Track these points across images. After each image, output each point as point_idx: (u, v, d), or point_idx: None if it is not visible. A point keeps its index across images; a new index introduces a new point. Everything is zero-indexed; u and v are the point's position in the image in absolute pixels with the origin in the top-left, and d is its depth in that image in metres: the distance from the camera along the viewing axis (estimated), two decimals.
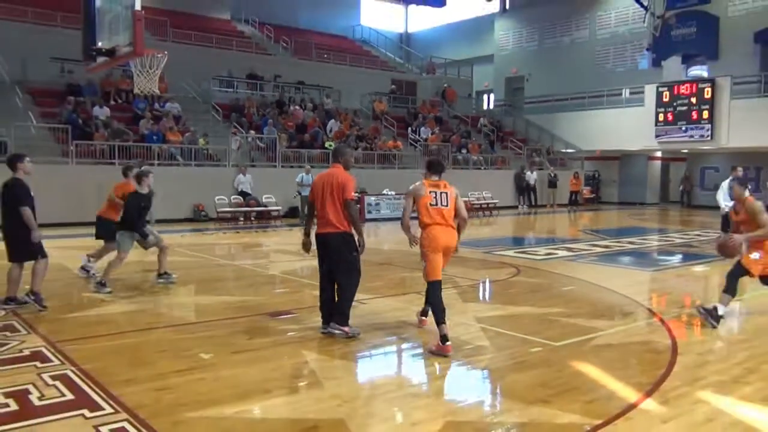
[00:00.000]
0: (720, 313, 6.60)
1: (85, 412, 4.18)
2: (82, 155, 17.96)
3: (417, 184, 6.10)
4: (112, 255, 8.77)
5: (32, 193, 7.08)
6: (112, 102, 21.37)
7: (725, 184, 11.46)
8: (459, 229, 6.10)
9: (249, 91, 26.14)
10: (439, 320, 5.68)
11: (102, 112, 19.95)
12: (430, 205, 5.88)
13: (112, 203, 9.20)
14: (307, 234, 6.36)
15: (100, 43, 8.38)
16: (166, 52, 9.48)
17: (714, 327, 6.53)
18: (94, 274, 9.27)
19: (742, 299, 8.61)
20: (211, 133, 21.63)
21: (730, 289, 6.69)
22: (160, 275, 9.03)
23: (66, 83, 21.13)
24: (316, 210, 6.29)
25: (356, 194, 6.51)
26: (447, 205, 5.90)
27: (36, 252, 7.14)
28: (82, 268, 9.55)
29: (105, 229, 9.19)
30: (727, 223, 11.58)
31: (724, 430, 4.05)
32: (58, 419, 4.07)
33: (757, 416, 4.27)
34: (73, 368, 5.07)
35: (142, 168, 9.34)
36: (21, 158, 7.13)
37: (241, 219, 19.64)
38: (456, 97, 32.94)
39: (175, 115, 21.61)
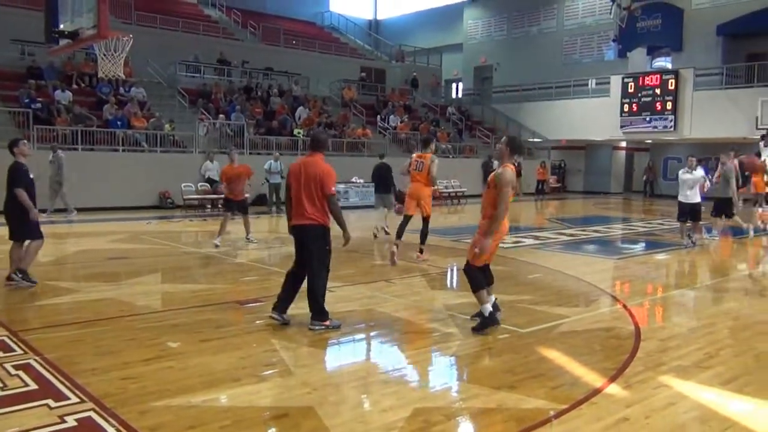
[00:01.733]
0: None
1: (50, 401, 4.11)
2: (44, 140, 17.51)
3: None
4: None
5: (31, 175, 7.58)
6: (75, 86, 20.82)
7: (679, 176, 11.76)
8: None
9: (216, 76, 25.75)
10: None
11: (64, 96, 19.45)
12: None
13: None
14: (290, 219, 6.18)
15: (62, 26, 8.19)
16: (131, 36, 9.27)
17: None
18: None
19: (700, 287, 8.84)
20: (177, 119, 21.30)
21: None
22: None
23: (26, 66, 20.55)
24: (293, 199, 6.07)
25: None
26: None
27: (32, 232, 7.63)
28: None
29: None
30: (685, 211, 11.82)
31: (685, 413, 4.17)
32: (22, 409, 3.99)
33: (717, 399, 4.40)
34: (36, 358, 4.97)
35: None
36: (17, 143, 7.65)
37: (209, 206, 19.42)
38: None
39: (140, 100, 21.20)
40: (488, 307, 5.89)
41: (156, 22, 26.55)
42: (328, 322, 6.00)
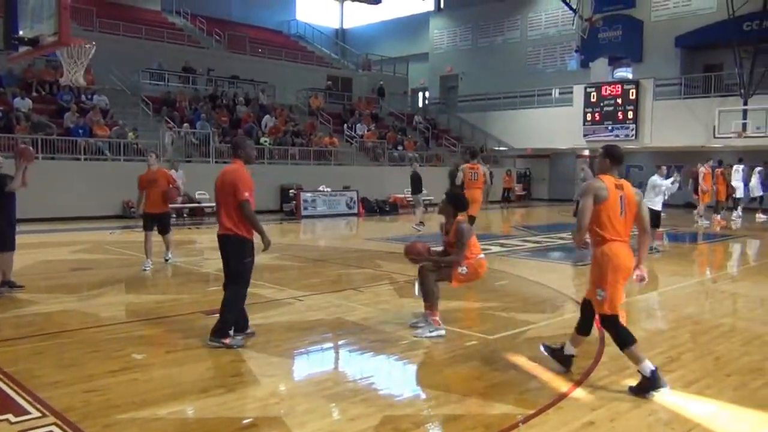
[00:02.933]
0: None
1: (10, 416, 4.01)
2: (2, 149, 17.08)
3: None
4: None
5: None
6: (35, 93, 20.43)
7: (652, 181, 11.92)
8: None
9: (181, 84, 25.51)
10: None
11: (24, 104, 19.04)
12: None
13: None
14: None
15: (22, 32, 8.00)
16: (93, 43, 9.13)
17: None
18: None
19: (661, 292, 9.03)
20: (140, 127, 21.00)
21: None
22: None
23: None
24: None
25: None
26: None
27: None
28: None
29: None
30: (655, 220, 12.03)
31: (650, 415, 4.25)
32: None
33: (679, 402, 4.50)
34: None
35: None
36: None
37: (173, 215, 19.16)
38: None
39: (103, 108, 20.86)
40: (648, 365, 4.60)
41: (119, 29, 26.23)
42: (228, 340, 5.61)
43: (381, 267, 10.03)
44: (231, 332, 5.70)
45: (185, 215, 19.47)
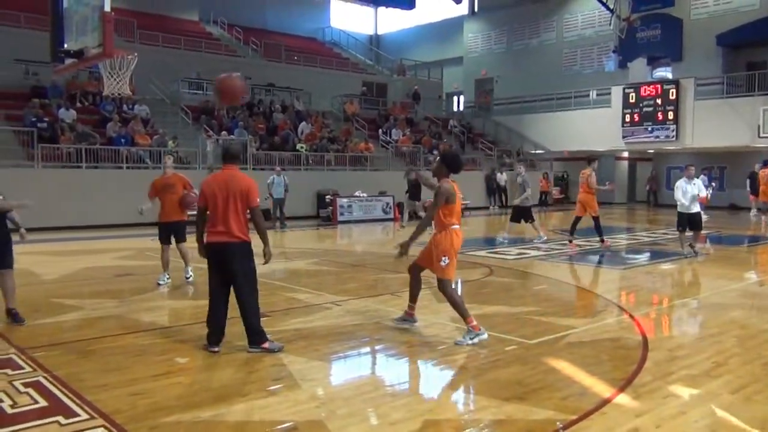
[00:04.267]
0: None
1: (60, 418, 4.12)
2: (48, 159, 17.62)
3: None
4: None
5: None
6: (78, 104, 21.02)
7: (680, 183, 11.74)
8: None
9: None
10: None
11: (68, 115, 19.61)
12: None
13: None
14: (200, 241, 5.85)
15: (67, 45, 8.26)
16: (135, 54, 9.35)
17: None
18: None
19: (706, 296, 8.83)
20: (180, 135, 21.42)
21: None
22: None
23: (31, 85, 20.75)
24: (209, 216, 5.74)
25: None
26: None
27: None
28: None
29: None
30: (684, 221, 11.79)
31: (696, 422, 4.16)
32: (32, 427, 4.00)
33: (728, 408, 4.39)
34: (45, 375, 4.99)
35: None
36: None
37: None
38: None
39: (144, 117, 21.35)
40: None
41: (158, 40, 26.82)
42: (267, 344, 5.66)
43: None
44: (268, 336, 5.75)
45: None
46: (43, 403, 4.42)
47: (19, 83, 21.00)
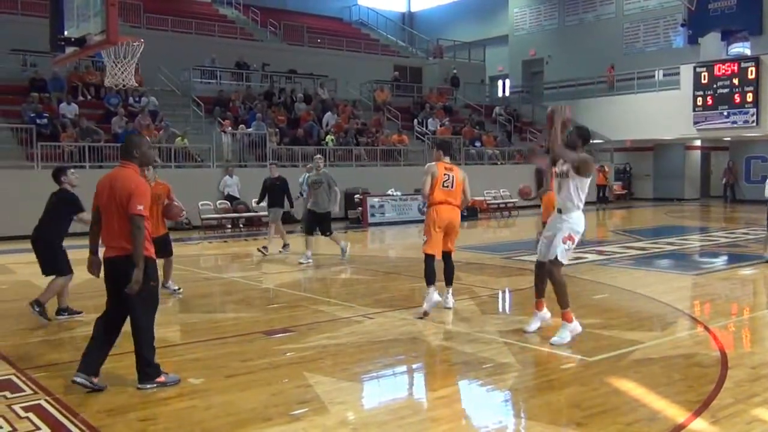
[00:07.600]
0: None
1: None
2: (49, 158, 17.96)
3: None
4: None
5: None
6: (81, 98, 21.39)
7: None
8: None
9: (234, 82, 26.22)
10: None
11: (70, 110, 19.97)
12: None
13: None
14: (93, 252, 5.51)
15: (68, 32, 8.41)
16: (142, 40, 9.48)
17: None
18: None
19: None
20: (192, 129, 21.66)
21: None
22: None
23: (29, 78, 21.17)
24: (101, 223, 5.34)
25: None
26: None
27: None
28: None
29: None
30: None
31: None
32: None
33: None
34: (47, 398, 5.08)
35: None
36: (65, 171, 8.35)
37: (229, 226, 19.69)
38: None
39: (152, 110, 21.65)
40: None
41: (167, 24, 27.21)
42: (162, 378, 5.33)
43: (460, 279, 9.96)
44: (161, 368, 5.40)
45: (241, 226, 19.94)
46: (45, 429, 4.50)
47: (16, 75, 21.45)
